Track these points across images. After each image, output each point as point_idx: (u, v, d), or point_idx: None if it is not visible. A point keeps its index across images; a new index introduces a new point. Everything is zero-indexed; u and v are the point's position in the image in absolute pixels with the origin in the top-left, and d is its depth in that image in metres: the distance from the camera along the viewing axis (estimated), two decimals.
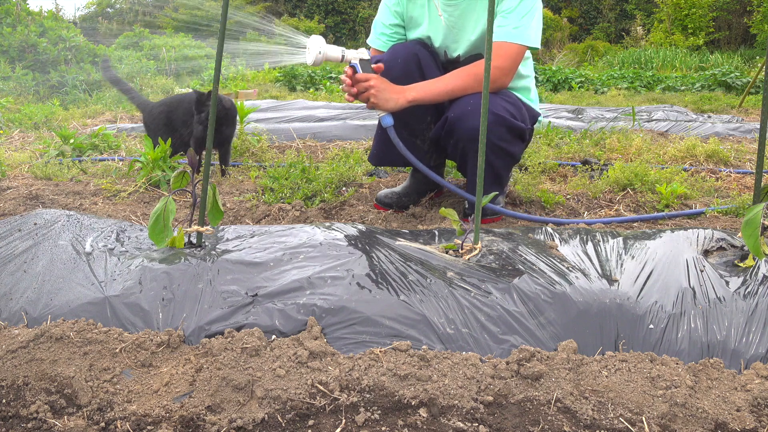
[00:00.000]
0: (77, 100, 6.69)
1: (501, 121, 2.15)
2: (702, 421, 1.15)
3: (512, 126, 2.18)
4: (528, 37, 2.16)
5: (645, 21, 18.32)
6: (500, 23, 2.15)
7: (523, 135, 2.27)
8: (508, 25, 2.15)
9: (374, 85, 2.10)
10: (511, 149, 2.24)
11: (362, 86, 2.10)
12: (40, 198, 2.60)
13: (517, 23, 2.14)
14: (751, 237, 1.53)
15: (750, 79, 8.83)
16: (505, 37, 2.15)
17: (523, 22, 2.15)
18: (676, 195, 2.62)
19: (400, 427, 1.15)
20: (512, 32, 2.14)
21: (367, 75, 2.09)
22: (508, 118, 2.16)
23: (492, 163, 2.20)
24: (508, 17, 2.15)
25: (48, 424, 1.17)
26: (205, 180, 1.66)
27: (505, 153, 2.23)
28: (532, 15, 2.17)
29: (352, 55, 2.11)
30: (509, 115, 2.17)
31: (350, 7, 22.56)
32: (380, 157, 2.50)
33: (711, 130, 4.69)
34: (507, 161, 2.28)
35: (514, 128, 2.19)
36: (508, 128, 2.17)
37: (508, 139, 2.20)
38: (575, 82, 9.63)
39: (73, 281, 1.50)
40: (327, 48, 2.07)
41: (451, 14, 2.29)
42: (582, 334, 1.37)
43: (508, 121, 2.16)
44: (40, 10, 8.39)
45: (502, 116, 2.14)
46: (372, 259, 1.56)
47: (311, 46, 2.07)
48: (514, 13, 2.15)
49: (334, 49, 2.10)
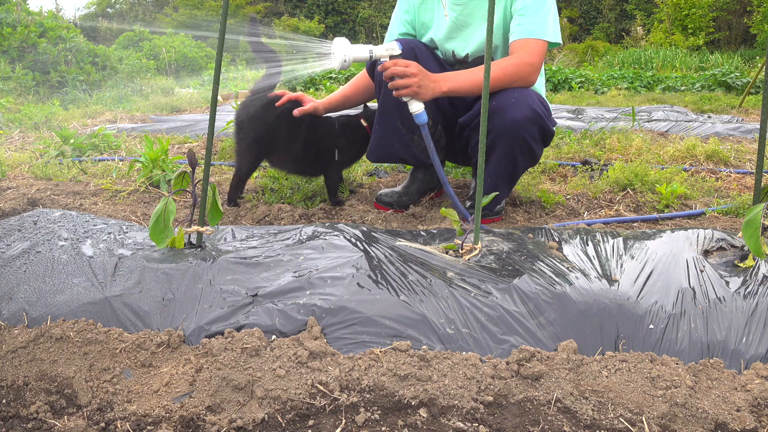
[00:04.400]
0: (77, 100, 6.69)
1: (538, 119, 2.12)
2: (702, 421, 1.15)
3: (545, 127, 2.16)
4: (550, 32, 2.16)
5: (645, 21, 18.33)
6: (519, 21, 2.14)
7: (548, 140, 2.26)
8: (529, 22, 2.14)
9: (417, 72, 1.97)
10: (537, 151, 2.22)
11: (405, 71, 1.96)
12: (40, 198, 2.60)
13: (537, 20, 2.14)
14: (752, 237, 1.53)
15: (750, 79, 8.83)
16: (529, 33, 2.14)
17: (542, 19, 2.14)
18: (676, 195, 2.62)
19: (400, 427, 1.15)
20: (534, 28, 2.13)
21: (408, 61, 1.99)
22: (544, 118, 2.14)
23: (517, 163, 2.17)
24: (526, 15, 2.14)
25: (48, 424, 1.17)
26: (205, 180, 1.67)
27: (533, 154, 2.20)
28: (548, 11, 2.16)
29: (381, 53, 1.99)
30: (544, 115, 2.16)
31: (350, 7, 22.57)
32: (380, 150, 2.42)
33: (711, 130, 4.69)
34: (530, 162, 2.25)
35: (547, 130, 2.18)
36: (541, 128, 2.15)
37: (538, 139, 2.18)
38: (575, 82, 9.63)
39: (73, 281, 1.49)
40: (352, 50, 1.95)
41: (459, 14, 2.29)
42: (582, 334, 1.37)
43: (544, 121, 2.14)
44: (40, 10, 8.39)
45: (540, 115, 2.12)
46: (372, 260, 1.56)
47: (336, 51, 1.96)
48: (531, 10, 2.14)
49: (360, 49, 1.97)
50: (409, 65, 1.97)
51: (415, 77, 1.96)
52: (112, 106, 6.39)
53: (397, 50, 1.99)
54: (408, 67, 1.96)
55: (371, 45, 1.99)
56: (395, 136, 2.37)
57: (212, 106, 1.67)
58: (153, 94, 7.66)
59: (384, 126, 2.38)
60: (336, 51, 1.95)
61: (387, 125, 2.37)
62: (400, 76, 1.97)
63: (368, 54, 1.97)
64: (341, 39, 1.97)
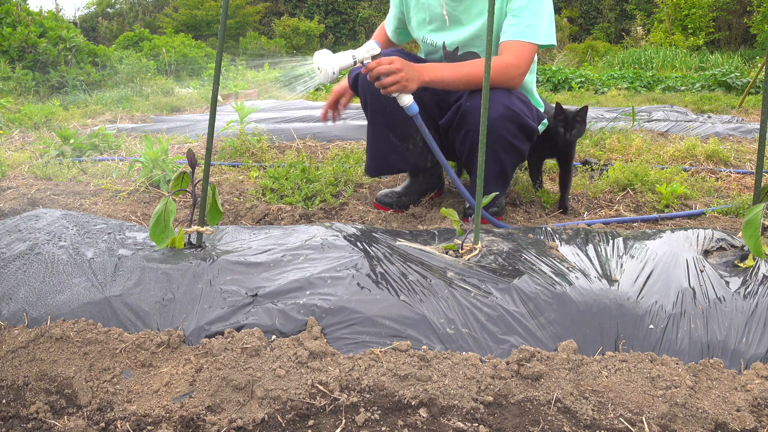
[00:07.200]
0: (77, 100, 6.70)
1: (515, 117, 2.14)
2: (702, 421, 1.15)
3: (524, 124, 2.18)
4: (542, 35, 2.16)
5: (645, 21, 18.33)
6: (512, 22, 2.15)
7: (532, 135, 2.27)
8: (521, 24, 2.14)
9: (402, 67, 1.97)
10: (521, 147, 2.23)
11: (390, 68, 1.95)
12: (40, 198, 2.60)
13: (529, 22, 2.13)
14: (752, 237, 1.53)
15: (750, 79, 8.83)
16: (519, 35, 2.14)
17: (535, 21, 2.14)
18: (676, 195, 2.62)
19: (400, 427, 1.14)
20: (525, 31, 2.14)
21: (391, 58, 1.98)
22: (521, 116, 2.16)
23: (502, 160, 2.19)
24: (519, 16, 2.14)
25: (48, 424, 1.17)
26: (205, 180, 1.66)
27: (516, 150, 2.22)
28: (543, 13, 2.16)
29: (363, 55, 1.98)
30: (522, 113, 2.17)
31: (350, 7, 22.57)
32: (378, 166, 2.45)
33: (711, 130, 4.69)
34: (516, 159, 2.27)
35: (525, 126, 2.19)
36: (519, 126, 2.17)
37: (519, 136, 2.19)
38: (575, 83, 9.63)
39: (73, 281, 1.49)
40: (337, 60, 1.94)
41: (454, 9, 2.29)
42: (582, 334, 1.37)
43: (521, 119, 2.16)
44: (40, 10, 8.39)
45: (516, 112, 2.14)
46: (372, 260, 1.56)
47: (321, 65, 1.94)
48: (525, 12, 2.14)
49: (344, 56, 1.97)
50: (392, 61, 1.97)
51: (401, 71, 1.97)
52: (112, 106, 6.39)
53: (377, 49, 1.99)
54: (392, 63, 1.97)
55: (351, 50, 1.98)
56: (390, 148, 2.39)
57: (212, 106, 1.67)
58: (153, 94, 7.66)
59: (377, 141, 2.40)
60: (321, 65, 1.94)
61: (380, 140, 2.39)
62: (386, 74, 1.97)
63: (352, 60, 1.97)
64: (322, 52, 1.95)
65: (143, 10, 24.97)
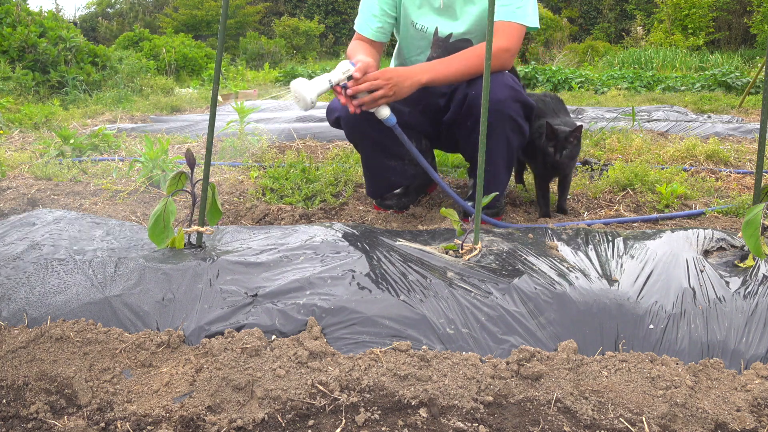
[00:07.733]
0: (77, 100, 6.70)
1: (519, 96, 2.15)
2: (702, 421, 1.15)
3: (526, 102, 2.18)
4: (530, 17, 2.18)
5: (645, 21, 18.33)
6: (503, 2, 2.16)
7: (529, 114, 2.26)
8: (511, 5, 2.16)
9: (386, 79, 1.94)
10: (525, 127, 2.23)
11: (372, 85, 1.94)
12: (40, 198, 2.60)
13: (519, 3, 2.16)
14: (752, 237, 1.53)
15: (750, 79, 8.83)
16: (509, 16, 2.15)
17: (523, 2, 2.17)
18: (676, 195, 2.62)
19: (400, 427, 1.15)
20: (516, 12, 2.16)
21: (369, 76, 1.95)
22: (523, 94, 2.17)
23: (510, 142, 2.19)
24: None
25: (48, 424, 1.17)
26: (204, 180, 1.66)
27: (521, 131, 2.21)
28: None
29: (338, 77, 1.93)
30: (523, 91, 2.18)
31: (350, 7, 22.56)
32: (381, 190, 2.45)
33: (711, 130, 4.69)
34: (521, 139, 2.25)
35: (527, 104, 2.20)
36: (523, 104, 2.18)
37: (522, 114, 2.20)
38: (575, 83, 9.63)
39: (73, 281, 1.50)
40: (314, 87, 1.90)
41: None
42: (582, 334, 1.37)
43: (524, 97, 2.17)
44: (40, 10, 8.38)
45: (519, 91, 2.15)
46: (372, 260, 1.57)
47: (298, 94, 1.90)
48: None
49: (320, 82, 1.92)
50: (376, 78, 1.94)
51: (386, 84, 1.95)
52: (112, 106, 6.39)
53: (351, 68, 1.94)
54: (375, 80, 1.94)
55: (326, 74, 1.94)
56: (388, 170, 2.40)
57: (212, 106, 1.67)
58: (153, 94, 7.66)
59: (374, 169, 2.41)
60: (298, 95, 1.90)
61: (376, 165, 2.40)
62: (370, 91, 1.95)
63: (328, 84, 1.93)
64: (299, 81, 1.91)
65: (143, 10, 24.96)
